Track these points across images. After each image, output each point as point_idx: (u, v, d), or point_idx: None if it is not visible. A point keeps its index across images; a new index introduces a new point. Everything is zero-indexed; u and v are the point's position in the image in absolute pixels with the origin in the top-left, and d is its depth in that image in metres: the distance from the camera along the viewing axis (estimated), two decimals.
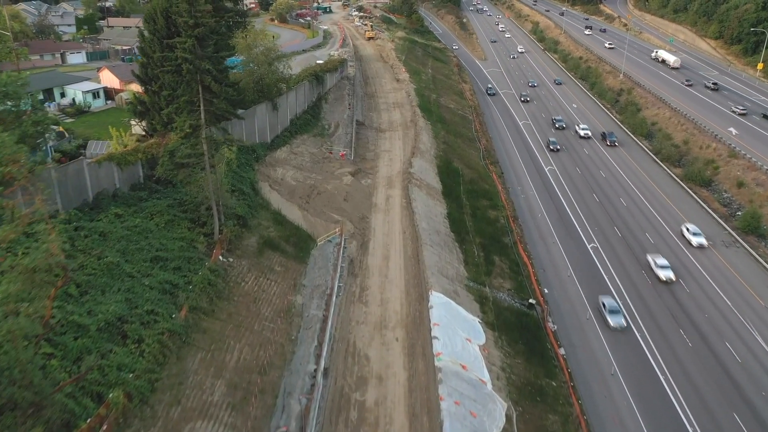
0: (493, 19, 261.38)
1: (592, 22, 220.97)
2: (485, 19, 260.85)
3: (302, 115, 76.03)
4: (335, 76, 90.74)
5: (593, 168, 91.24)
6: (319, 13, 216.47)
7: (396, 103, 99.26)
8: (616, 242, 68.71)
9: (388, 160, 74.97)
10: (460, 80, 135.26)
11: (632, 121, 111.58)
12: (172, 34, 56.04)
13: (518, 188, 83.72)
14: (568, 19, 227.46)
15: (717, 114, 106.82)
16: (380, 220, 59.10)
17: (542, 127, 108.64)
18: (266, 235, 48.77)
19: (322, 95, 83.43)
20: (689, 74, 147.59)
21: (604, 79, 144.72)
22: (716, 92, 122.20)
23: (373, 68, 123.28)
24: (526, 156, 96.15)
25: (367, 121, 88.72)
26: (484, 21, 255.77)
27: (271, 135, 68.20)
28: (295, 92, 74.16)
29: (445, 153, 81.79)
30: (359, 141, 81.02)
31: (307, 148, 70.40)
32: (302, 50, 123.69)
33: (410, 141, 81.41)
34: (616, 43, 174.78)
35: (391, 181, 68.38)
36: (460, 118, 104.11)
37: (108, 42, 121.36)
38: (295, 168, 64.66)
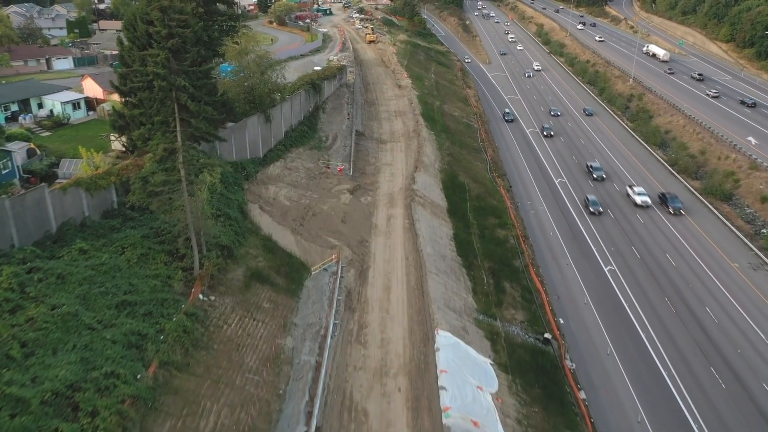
0: (502, 27, 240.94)
1: (586, 19, 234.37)
2: (492, 26, 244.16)
3: (298, 127, 71.28)
4: (333, 84, 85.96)
5: (607, 182, 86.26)
6: (319, 16, 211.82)
7: (398, 111, 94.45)
8: (635, 264, 63.85)
9: (389, 174, 70.15)
10: (464, 86, 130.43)
11: (645, 129, 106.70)
12: (153, 43, 51.42)
13: (527, 203, 78.91)
14: (564, 17, 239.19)
15: (732, 121, 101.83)
16: (381, 243, 54.27)
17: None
18: (254, 265, 43.94)
19: (319, 104, 78.65)
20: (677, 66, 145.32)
21: (613, 84, 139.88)
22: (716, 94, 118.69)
23: (373, 73, 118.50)
24: (534, 167, 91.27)
25: (367, 131, 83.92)
26: (491, 28, 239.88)
27: (263, 149, 63.45)
28: (290, 102, 69.38)
29: (450, 166, 76.94)
30: (359, 153, 76.22)
31: (302, 163, 65.62)
32: (300, 55, 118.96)
33: (413, 153, 76.58)
34: (605, 37, 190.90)
35: (393, 198, 63.56)
36: (465, 126, 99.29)
37: (97, 47, 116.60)
38: (289, 185, 59.87)
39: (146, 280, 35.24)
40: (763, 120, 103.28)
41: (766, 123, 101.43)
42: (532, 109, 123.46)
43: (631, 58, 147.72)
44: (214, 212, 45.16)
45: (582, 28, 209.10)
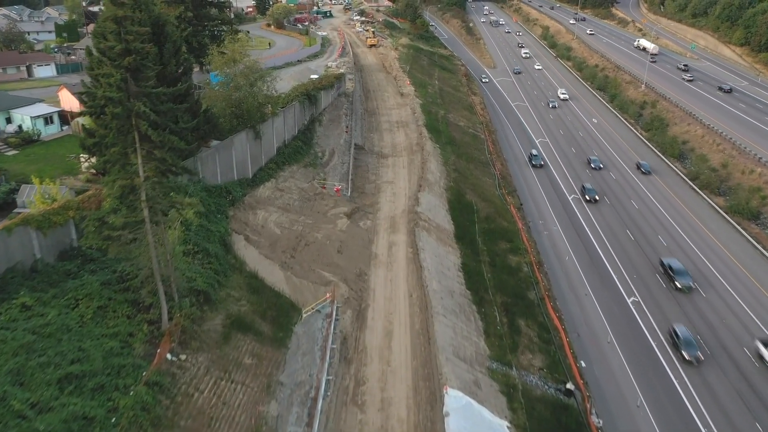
0: (514, 38, 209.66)
1: (579, 15, 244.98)
2: (502, 37, 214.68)
3: (291, 142, 65.63)
4: (331, 94, 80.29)
5: (623, 198, 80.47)
6: (319, 18, 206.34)
7: (400, 121, 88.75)
8: (660, 295, 58.07)
9: (391, 194, 64.45)
10: (469, 92, 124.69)
11: (661, 139, 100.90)
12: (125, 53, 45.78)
13: (540, 222, 73.17)
14: (560, 13, 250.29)
15: (755, 131, 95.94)
16: (381, 277, 48.57)
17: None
18: (236, 311, 38.26)
19: (315, 117, 72.98)
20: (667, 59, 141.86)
21: (624, 90, 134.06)
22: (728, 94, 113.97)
23: (374, 80, 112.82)
24: (546, 183, 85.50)
25: (367, 144, 78.23)
26: (500, 38, 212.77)
27: (252, 168, 57.80)
28: (283, 116, 63.73)
29: (457, 183, 71.23)
30: (358, 169, 70.54)
31: (295, 183, 59.95)
32: (297, 61, 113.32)
33: (416, 169, 70.89)
34: (596, 31, 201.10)
35: (395, 222, 57.86)
36: (471, 137, 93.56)
37: (84, 52, 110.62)
38: (280, 209, 54.21)
39: (101, 341, 29.56)
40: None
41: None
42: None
43: (633, 58, 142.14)
44: (191, 249, 39.53)
45: (574, 23, 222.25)
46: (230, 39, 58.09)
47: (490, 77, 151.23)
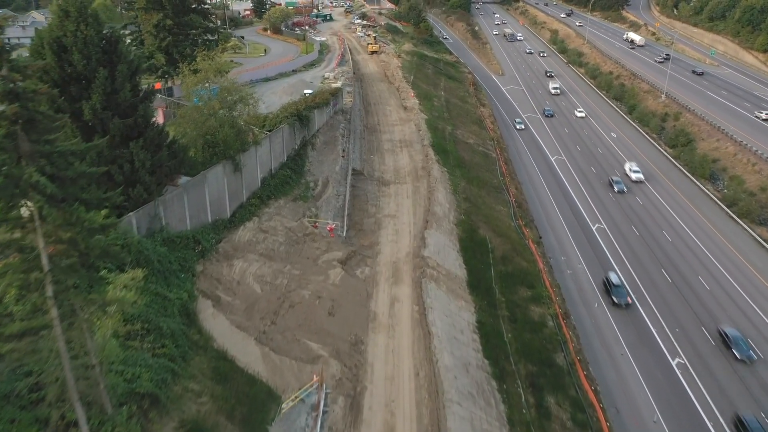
0: (537, 60, 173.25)
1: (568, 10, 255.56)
2: (522, 56, 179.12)
3: (279, 171, 57.18)
4: (326, 112, 71.71)
5: (654, 227, 71.78)
6: (318, 22, 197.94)
7: (403, 140, 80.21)
8: (710, 353, 49.52)
9: (393, 232, 55.88)
10: (477, 104, 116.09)
11: (689, 157, 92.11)
12: (67, 78, 37.44)
13: (562, 259, 64.66)
14: (552, 10, 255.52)
15: None
16: (381, 347, 40.04)
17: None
18: (194, 414, 29.74)
19: (307, 139, 64.47)
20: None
21: (643, 100, 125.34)
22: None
23: (375, 91, 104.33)
24: (565, 208, 76.87)
25: (366, 168, 69.70)
26: (515, 53, 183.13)
27: (231, 206, 49.35)
28: (269, 142, 55.27)
29: (468, 215, 62.68)
30: (356, 199, 62.05)
31: (282, 221, 51.43)
32: (292, 71, 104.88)
33: (422, 200, 62.37)
34: (586, 24, 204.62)
35: (398, 270, 49.32)
36: (481, 156, 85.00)
37: None
38: (262, 257, 45.72)
39: None
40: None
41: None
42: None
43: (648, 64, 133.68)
44: (137, 330, 31.03)
45: (564, 17, 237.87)
46: (203, 55, 49.45)
47: (502, 89, 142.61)
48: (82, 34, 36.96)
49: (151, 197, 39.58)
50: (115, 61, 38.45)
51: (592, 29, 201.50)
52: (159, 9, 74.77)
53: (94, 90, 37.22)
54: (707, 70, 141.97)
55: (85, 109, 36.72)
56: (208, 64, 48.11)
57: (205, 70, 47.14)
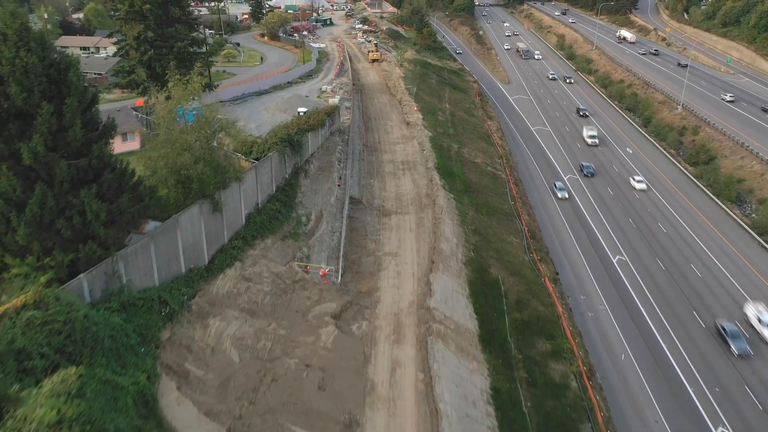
0: (563, 89, 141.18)
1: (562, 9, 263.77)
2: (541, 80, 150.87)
3: (267, 205, 50.98)
4: (322, 134, 65.45)
5: (680, 261, 65.49)
6: (318, 27, 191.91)
7: (406, 161, 74.01)
8: (760, 423, 43.19)
9: (394, 274, 49.65)
10: (484, 116, 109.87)
11: (712, 177, 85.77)
12: (4, 115, 31.39)
13: (582, 298, 58.48)
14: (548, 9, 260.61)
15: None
16: (380, 429, 33.77)
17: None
18: None
19: (299, 166, 58.24)
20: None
21: (658, 112, 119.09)
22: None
23: (376, 104, 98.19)
24: (582, 236, 70.61)
25: (365, 195, 63.53)
26: (532, 75, 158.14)
27: (210, 250, 43.22)
28: (255, 173, 49.12)
29: (478, 251, 56.47)
30: (354, 233, 55.90)
31: (268, 266, 45.25)
32: (287, 83, 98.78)
33: (427, 234, 56.18)
34: (577, 20, 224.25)
35: (400, 324, 43.12)
36: (490, 178, 78.75)
37: None
38: (243, 313, 39.57)
39: None
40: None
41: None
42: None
43: (661, 72, 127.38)
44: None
45: (558, 15, 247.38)
46: (175, 80, 43.18)
47: (509, 98, 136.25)
48: (22, 61, 30.80)
49: (108, 252, 33.42)
50: (63, 93, 32.25)
51: (587, 27, 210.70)
52: (140, 20, 68.66)
53: (37, 128, 31.05)
54: (722, 78, 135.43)
55: (24, 151, 30.57)
56: (182, 89, 41.76)
57: (178, 97, 40.87)
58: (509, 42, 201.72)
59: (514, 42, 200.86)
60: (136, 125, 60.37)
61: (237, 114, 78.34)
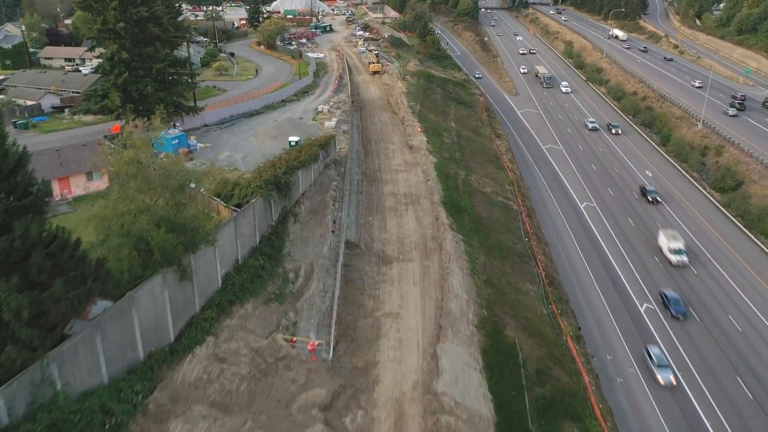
0: (606, 141, 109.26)
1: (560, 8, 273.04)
2: (576, 128, 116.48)
3: (248, 261, 44.16)
4: (315, 169, 58.46)
5: (718, 312, 58.46)
6: (317, 34, 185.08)
7: (409, 194, 67.13)
8: None
9: (396, 343, 42.73)
10: (492, 134, 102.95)
11: (742, 206, 78.64)
12: None
13: (609, 357, 51.56)
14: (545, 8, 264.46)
15: None
16: None
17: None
18: None
19: (288, 209, 51.32)
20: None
21: (676, 128, 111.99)
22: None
23: (377, 123, 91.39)
24: (604, 277, 63.63)
25: (363, 237, 56.67)
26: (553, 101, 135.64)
27: (177, 324, 36.45)
28: (234, 226, 42.26)
29: (491, 307, 49.55)
30: (349, 285, 49.02)
31: (247, 340, 38.38)
32: (281, 101, 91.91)
33: (433, 288, 49.31)
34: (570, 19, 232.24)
35: (402, 415, 36.25)
36: (501, 210, 71.83)
37: (12, 89, 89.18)
38: (212, 409, 32.68)
39: None
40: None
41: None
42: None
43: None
44: None
45: (553, 14, 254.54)
46: (132, 125, 36.06)
47: (517, 112, 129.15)
48: None
49: (35, 355, 26.60)
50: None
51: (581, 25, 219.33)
52: (114, 39, 61.84)
53: None
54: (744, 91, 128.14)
55: None
56: (141, 140, 34.77)
57: (136, 148, 33.90)
58: (525, 63, 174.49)
59: (531, 62, 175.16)
60: (105, 162, 53.37)
61: (223, 140, 71.58)
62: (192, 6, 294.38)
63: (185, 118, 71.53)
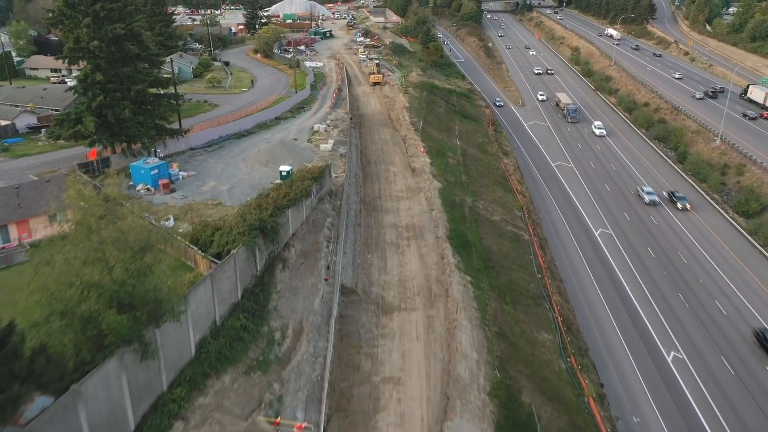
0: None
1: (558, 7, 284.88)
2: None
3: (227, 322, 38.57)
4: (307, 205, 52.86)
5: (754, 365, 52.77)
6: (316, 40, 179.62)
7: (412, 226, 61.58)
8: None
9: (396, 418, 37.15)
10: (499, 152, 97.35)
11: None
12: None
13: (635, 420, 45.90)
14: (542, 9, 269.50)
15: None
16: None
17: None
18: None
19: (275, 255, 45.73)
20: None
21: (693, 143, 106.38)
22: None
23: (377, 142, 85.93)
24: (626, 321, 57.99)
25: (361, 280, 51.11)
26: (582, 143, 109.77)
27: (138, 410, 31.00)
28: (212, 284, 36.70)
29: (504, 367, 43.92)
30: (344, 341, 43.48)
31: (222, 423, 32.81)
32: (275, 118, 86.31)
33: (439, 345, 43.76)
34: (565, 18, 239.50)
35: None
36: (511, 242, 66.23)
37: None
38: None
39: None
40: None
41: None
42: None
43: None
44: None
45: (549, 13, 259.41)
46: (76, 190, 30.43)
47: (524, 124, 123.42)
48: None
49: None
50: None
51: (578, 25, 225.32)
52: (89, 58, 56.34)
53: None
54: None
55: None
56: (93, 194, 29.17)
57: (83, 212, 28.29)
58: (542, 85, 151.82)
59: (549, 85, 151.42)
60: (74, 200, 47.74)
61: (209, 167, 66.07)
62: (190, 10, 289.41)
63: (170, 141, 66.09)
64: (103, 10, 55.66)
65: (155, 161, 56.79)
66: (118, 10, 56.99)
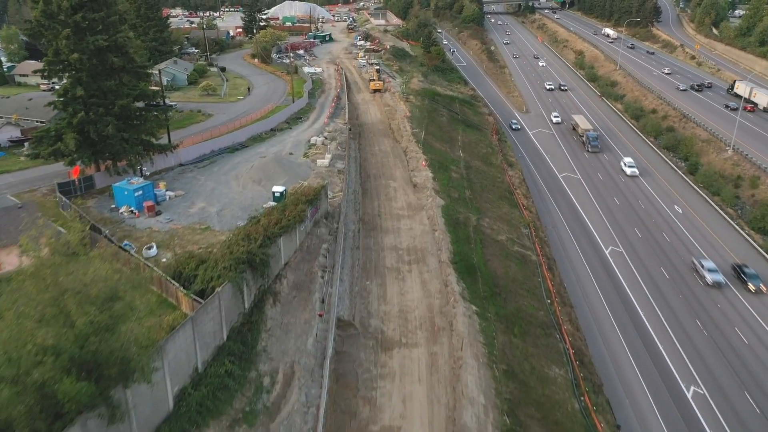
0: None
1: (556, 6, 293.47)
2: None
3: (211, 368, 35.06)
4: (301, 231, 49.33)
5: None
6: (315, 44, 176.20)
7: (413, 248, 58.10)
8: None
9: None
10: (503, 163, 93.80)
11: None
12: None
13: None
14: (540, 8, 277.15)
15: None
16: None
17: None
18: None
19: (266, 287, 42.23)
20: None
21: (703, 153, 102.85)
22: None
23: (377, 154, 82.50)
24: (641, 352, 54.48)
25: (359, 311, 47.63)
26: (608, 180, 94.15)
27: None
28: (192, 327, 33.21)
29: (515, 412, 40.47)
30: (339, 384, 40.03)
31: None
32: (270, 130, 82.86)
33: (443, 388, 40.27)
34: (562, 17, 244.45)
35: None
36: (518, 263, 62.73)
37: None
38: None
39: None
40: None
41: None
42: None
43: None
44: None
45: (548, 12, 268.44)
46: (27, 241, 26.97)
47: (528, 132, 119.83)
48: None
49: None
50: None
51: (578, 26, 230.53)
52: (69, 72, 52.90)
53: None
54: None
55: None
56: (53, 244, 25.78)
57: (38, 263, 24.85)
58: (556, 104, 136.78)
59: (564, 105, 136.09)
60: (47, 226, 44.15)
61: (198, 186, 62.60)
62: (188, 12, 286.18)
63: (158, 157, 62.69)
64: (85, 21, 52.30)
65: (140, 181, 53.38)
66: (101, 20, 53.58)
